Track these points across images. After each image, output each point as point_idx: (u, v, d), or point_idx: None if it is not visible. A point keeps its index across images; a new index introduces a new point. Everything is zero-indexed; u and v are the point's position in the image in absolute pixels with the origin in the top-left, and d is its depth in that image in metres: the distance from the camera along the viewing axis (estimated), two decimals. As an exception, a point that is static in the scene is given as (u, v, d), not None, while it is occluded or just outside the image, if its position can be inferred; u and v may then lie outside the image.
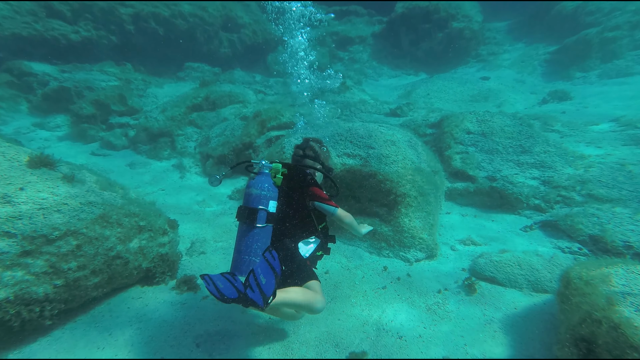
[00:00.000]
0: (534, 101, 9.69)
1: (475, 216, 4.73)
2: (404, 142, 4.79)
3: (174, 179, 6.18)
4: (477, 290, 3.24)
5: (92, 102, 7.56)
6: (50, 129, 7.75)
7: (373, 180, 4.22)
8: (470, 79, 11.04)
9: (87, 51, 11.40)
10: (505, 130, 5.38)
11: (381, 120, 6.88)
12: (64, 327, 2.73)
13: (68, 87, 8.23)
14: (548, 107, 8.64)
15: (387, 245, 4.01)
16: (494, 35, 15.53)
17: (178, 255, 3.73)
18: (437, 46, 14.89)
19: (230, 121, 7.56)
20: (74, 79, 8.82)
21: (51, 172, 2.97)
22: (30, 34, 10.56)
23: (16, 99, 8.60)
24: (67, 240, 2.60)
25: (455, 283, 3.42)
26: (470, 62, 14.51)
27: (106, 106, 7.73)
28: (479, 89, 10.23)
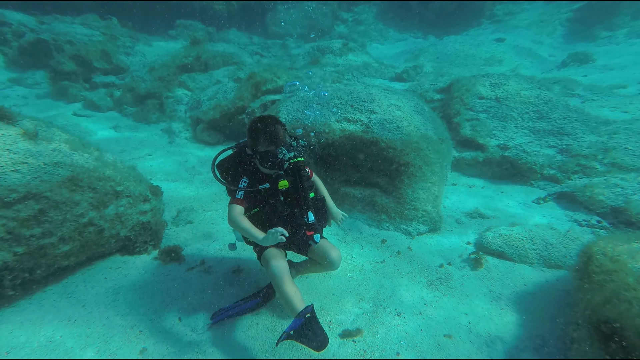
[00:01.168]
0: (552, 64, 9.04)
1: (483, 187, 4.45)
2: (410, 107, 4.39)
3: (162, 143, 5.80)
4: (483, 264, 3.02)
5: (72, 57, 6.96)
6: (29, 86, 7.20)
7: (375, 148, 3.87)
8: (484, 41, 10.21)
9: (66, 2, 10.47)
10: (521, 94, 4.95)
11: (385, 86, 6.38)
12: (32, 298, 2.50)
13: (46, 39, 7.55)
14: (568, 71, 8.03)
15: (387, 217, 3.75)
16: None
17: (162, 224, 3.46)
18: (449, 5, 13.64)
19: (224, 83, 7.04)
20: (53, 31, 8.09)
21: (9, 127, 2.61)
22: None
23: (-11, 52, 7.94)
24: (27, 204, 2.30)
25: (459, 257, 3.20)
26: (483, 24, 13.40)
27: (88, 63, 7.14)
28: (492, 52, 9.45)
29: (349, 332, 2.41)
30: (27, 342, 2.17)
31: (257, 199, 2.34)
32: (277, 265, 2.24)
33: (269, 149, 2.20)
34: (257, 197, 2.34)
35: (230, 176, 2.40)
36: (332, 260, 2.42)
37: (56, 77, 6.88)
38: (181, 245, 3.34)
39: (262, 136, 2.19)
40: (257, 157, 2.27)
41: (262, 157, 2.23)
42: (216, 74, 7.96)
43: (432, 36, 13.35)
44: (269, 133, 2.19)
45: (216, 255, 3.23)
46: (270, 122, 2.24)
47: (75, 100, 6.89)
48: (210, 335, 2.37)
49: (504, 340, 2.35)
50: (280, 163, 2.25)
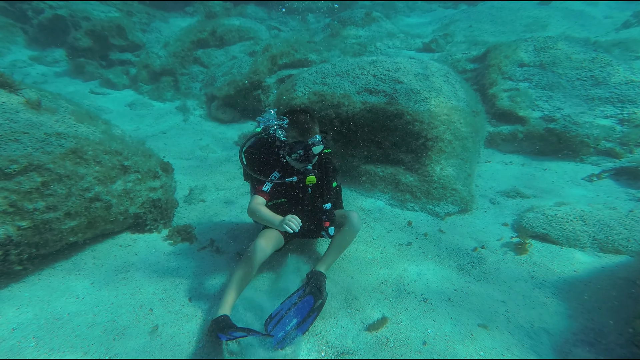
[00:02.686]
0: (609, 27, 7.97)
1: (522, 165, 4.01)
2: (439, 76, 3.97)
3: (176, 121, 5.67)
4: (528, 250, 2.68)
5: (87, 33, 6.87)
6: (48, 64, 7.21)
7: (399, 121, 3.53)
8: (525, 5, 9.07)
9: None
10: (572, 58, 4.36)
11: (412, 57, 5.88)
12: (41, 273, 2.44)
13: (63, 15, 7.49)
14: (631, 32, 7.02)
15: (412, 197, 3.44)
16: None
17: (173, 202, 3.33)
18: None
19: (239, 59, 6.76)
20: (70, 7, 8.01)
21: (11, 95, 2.48)
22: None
23: (11, 29, 7.97)
24: (29, 176, 2.17)
25: (495, 240, 2.88)
26: None
27: (104, 39, 7.04)
28: (535, 16, 8.34)
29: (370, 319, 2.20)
30: (34, 319, 2.09)
31: (283, 190, 2.36)
32: (260, 246, 2.21)
33: (301, 141, 2.18)
34: (283, 188, 2.35)
35: (257, 165, 2.39)
36: (350, 220, 2.41)
37: (73, 54, 6.84)
38: (193, 224, 3.21)
39: (295, 129, 2.20)
40: (287, 149, 2.23)
41: (292, 149, 2.20)
42: (232, 50, 7.68)
43: (463, 4, 12.20)
44: (302, 127, 2.18)
45: (228, 234, 3.07)
46: (304, 115, 2.24)
47: (92, 78, 6.85)
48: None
49: (550, 332, 2.06)
50: (310, 157, 2.22)
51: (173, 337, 2.10)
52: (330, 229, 2.40)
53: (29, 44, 7.83)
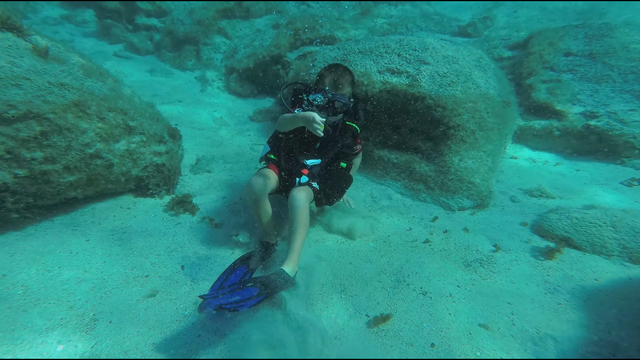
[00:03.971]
0: None
1: (552, 163, 3.66)
2: (471, 60, 3.64)
3: (194, 91, 5.59)
4: (556, 256, 2.43)
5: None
6: (78, 24, 7.28)
7: (420, 105, 3.28)
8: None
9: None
10: (630, 48, 3.87)
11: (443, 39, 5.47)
12: (38, 225, 2.44)
13: (94, -23, 7.49)
14: None
15: (425, 187, 3.22)
16: None
17: (178, 169, 3.27)
18: None
19: (262, 31, 6.56)
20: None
21: (19, 40, 2.42)
22: None
23: (45, -14, 8.08)
24: (28, 124, 2.13)
25: (511, 239, 2.65)
26: None
27: (132, 2, 7.00)
28: (592, 3, 7.39)
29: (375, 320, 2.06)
30: (24, 267, 2.10)
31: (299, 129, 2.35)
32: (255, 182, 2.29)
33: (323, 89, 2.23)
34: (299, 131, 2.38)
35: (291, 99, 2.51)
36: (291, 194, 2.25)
37: (101, 15, 6.86)
38: (196, 193, 3.15)
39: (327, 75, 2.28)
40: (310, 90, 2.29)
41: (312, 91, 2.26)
42: (257, 23, 7.46)
43: None
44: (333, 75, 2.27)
45: (229, 208, 2.99)
46: (340, 70, 2.31)
47: (117, 41, 6.86)
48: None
49: (558, 340, 1.87)
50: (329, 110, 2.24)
51: (160, 302, 2.05)
52: (303, 177, 2.43)
53: (61, 2, 7.93)
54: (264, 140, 4.38)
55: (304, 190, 2.26)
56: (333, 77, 2.26)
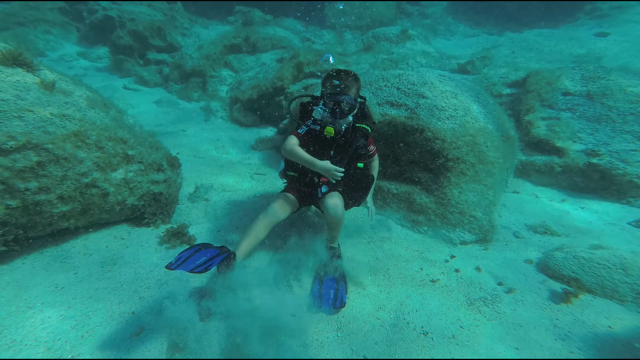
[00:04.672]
0: None
1: (556, 200, 3.58)
2: (469, 96, 3.69)
3: (198, 121, 5.72)
4: (572, 301, 2.29)
5: (130, 33, 7.25)
6: (92, 60, 7.66)
7: (419, 137, 3.28)
8: (579, 35, 8.40)
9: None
10: (627, 91, 3.92)
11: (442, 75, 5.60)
12: (27, 258, 2.38)
13: (112, 16, 8.00)
14: None
15: (425, 219, 3.14)
16: None
17: (176, 198, 3.25)
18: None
19: (267, 65, 6.81)
20: (121, 9, 8.57)
21: (27, 75, 2.51)
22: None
23: (67, 27, 8.62)
24: (25, 155, 2.15)
25: (516, 277, 2.52)
26: (580, 19, 10.80)
27: (144, 39, 7.39)
28: (589, 48, 7.55)
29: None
30: (4, 305, 2.01)
31: (310, 141, 2.46)
32: (273, 209, 2.41)
33: (330, 94, 2.32)
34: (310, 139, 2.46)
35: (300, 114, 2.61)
36: (326, 205, 2.37)
37: (115, 51, 7.21)
38: (192, 223, 3.11)
39: (330, 79, 2.34)
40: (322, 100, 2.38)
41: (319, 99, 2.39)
42: (263, 57, 7.78)
43: (509, 32, 11.21)
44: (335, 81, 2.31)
45: (226, 238, 2.92)
46: (343, 72, 2.36)
47: (128, 74, 7.16)
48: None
49: None
50: (337, 113, 2.33)
51: (144, 341, 1.94)
52: (323, 188, 2.50)
53: (79, 41, 8.42)
54: (264, 169, 4.38)
55: (337, 197, 2.40)
56: (337, 81, 2.32)
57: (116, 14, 8.16)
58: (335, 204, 2.34)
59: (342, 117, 2.34)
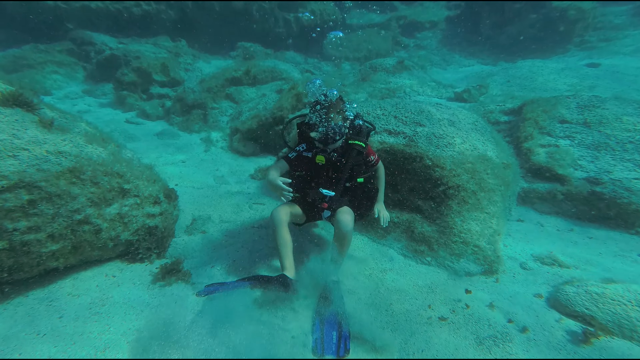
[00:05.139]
0: None
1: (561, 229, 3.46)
2: (467, 124, 3.70)
3: (198, 151, 5.77)
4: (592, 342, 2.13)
5: (134, 70, 7.53)
6: (97, 97, 7.90)
7: (418, 165, 3.25)
8: (570, 66, 8.60)
9: (146, 25, 11.71)
10: (623, 120, 3.93)
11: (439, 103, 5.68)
12: (9, 303, 2.27)
13: (118, 55, 8.36)
14: None
15: (428, 249, 3.03)
16: (610, 19, 11.87)
17: (171, 231, 3.18)
18: (528, 30, 11.77)
19: (267, 95, 6.98)
20: (127, 49, 8.97)
21: (27, 114, 2.54)
22: (98, 6, 11.07)
23: (74, 67, 9.00)
24: (17, 194, 2.12)
25: (526, 313, 2.36)
26: (571, 51, 11.25)
27: (148, 75, 7.65)
28: (581, 77, 7.74)
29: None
30: (-16, 353, 1.90)
31: (304, 164, 2.61)
32: (276, 213, 2.51)
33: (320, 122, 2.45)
34: (304, 163, 2.60)
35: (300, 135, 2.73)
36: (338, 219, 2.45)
37: (119, 87, 7.45)
38: (188, 257, 3.01)
39: (315, 108, 2.48)
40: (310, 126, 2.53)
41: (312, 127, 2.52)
42: (263, 88, 8.00)
43: (503, 62, 11.57)
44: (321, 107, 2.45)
45: (220, 272, 2.82)
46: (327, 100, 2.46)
47: (131, 109, 7.34)
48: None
49: None
50: (326, 139, 2.46)
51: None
52: (325, 212, 2.59)
53: (86, 80, 8.75)
54: (263, 198, 4.34)
55: (349, 213, 2.48)
56: (320, 110, 2.44)
57: (122, 53, 8.53)
58: (347, 220, 2.43)
59: (332, 143, 2.49)
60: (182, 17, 12.45)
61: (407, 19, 15.32)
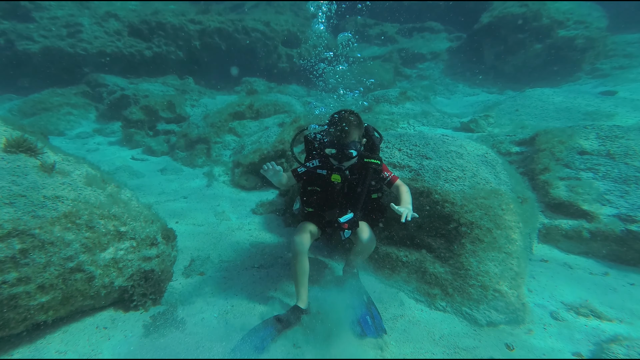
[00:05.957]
0: None
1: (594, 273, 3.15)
2: (476, 156, 3.59)
3: (199, 186, 5.72)
4: None
5: (141, 108, 7.73)
6: (106, 135, 8.07)
7: (426, 200, 3.12)
8: (584, 93, 8.18)
9: (156, 65, 12.26)
10: None
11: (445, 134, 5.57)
12: (-8, 360, 2.11)
13: (128, 95, 8.66)
14: None
15: (442, 293, 2.82)
16: (622, 47, 11.68)
17: (168, 274, 3.02)
18: (534, 60, 11.71)
19: (269, 129, 7.03)
20: (137, 88, 9.33)
21: (29, 159, 2.52)
22: (113, 50, 11.72)
23: (87, 107, 9.36)
24: (9, 243, 2.02)
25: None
26: (582, 79, 10.95)
27: (155, 112, 7.84)
28: (597, 106, 7.25)
29: None
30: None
31: (318, 180, 2.57)
32: (298, 240, 2.49)
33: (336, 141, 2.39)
34: (318, 178, 2.57)
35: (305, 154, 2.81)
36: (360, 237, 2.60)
37: (127, 125, 7.62)
38: (185, 302, 2.83)
39: (334, 125, 2.41)
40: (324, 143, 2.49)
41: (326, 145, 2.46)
42: (266, 122, 8.09)
43: (510, 91, 11.43)
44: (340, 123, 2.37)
45: (218, 319, 2.62)
46: (347, 116, 2.41)
47: (138, 146, 7.44)
48: None
49: None
50: (343, 158, 2.42)
51: None
52: (346, 232, 2.58)
53: (97, 119, 9.06)
54: (264, 234, 4.20)
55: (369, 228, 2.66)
56: (339, 126, 2.37)
57: (132, 93, 8.85)
58: (370, 236, 2.59)
59: (347, 160, 2.45)
60: (190, 57, 13.04)
61: (409, 51, 15.74)
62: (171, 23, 12.45)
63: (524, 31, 11.84)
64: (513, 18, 12.06)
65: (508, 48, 12.30)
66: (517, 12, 11.97)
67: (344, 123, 2.37)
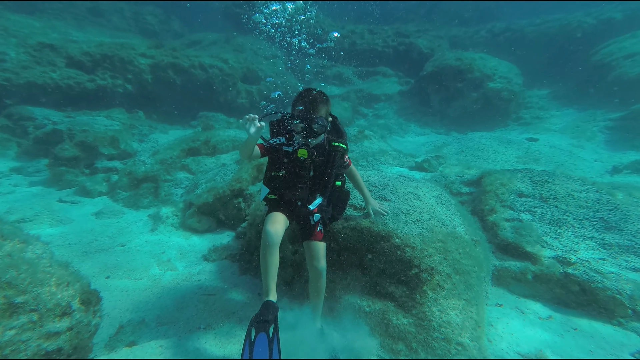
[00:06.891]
0: (600, 169, 7.89)
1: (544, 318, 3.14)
2: (432, 197, 3.60)
3: (143, 231, 5.09)
4: None
5: (77, 144, 6.95)
6: (29, 174, 7.05)
7: (387, 245, 2.98)
8: (514, 140, 9.39)
9: (99, 98, 11.45)
10: (575, 196, 4.00)
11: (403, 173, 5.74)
12: None
13: (61, 129, 7.79)
14: (625, 178, 6.87)
15: (406, 348, 2.59)
16: (536, 100, 13.80)
17: (84, 350, 2.46)
18: (472, 105, 13.27)
19: (226, 166, 6.68)
20: (74, 122, 8.46)
21: None
22: (45, 82, 10.69)
23: (6, 143, 8.24)
24: None
25: None
26: (510, 125, 12.64)
27: (93, 148, 7.10)
28: (525, 150, 8.40)
29: None
30: None
31: (284, 162, 2.49)
32: (272, 231, 2.30)
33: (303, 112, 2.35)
34: (283, 160, 2.48)
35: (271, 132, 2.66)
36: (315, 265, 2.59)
37: (55, 163, 6.74)
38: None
39: (300, 100, 2.39)
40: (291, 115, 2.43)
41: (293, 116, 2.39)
42: (223, 158, 7.73)
43: (455, 132, 12.95)
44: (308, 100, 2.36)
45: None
46: (314, 92, 2.40)
47: (69, 186, 6.58)
48: None
49: None
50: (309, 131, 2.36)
51: None
52: (316, 215, 2.57)
53: (19, 156, 7.97)
54: (216, 284, 3.75)
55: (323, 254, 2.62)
56: (306, 101, 2.36)
57: (67, 127, 7.99)
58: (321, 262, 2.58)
59: (313, 138, 2.40)
60: (141, 91, 12.45)
61: (364, 92, 16.84)
62: (119, 56, 11.90)
63: (462, 80, 13.57)
64: (451, 69, 13.82)
65: (450, 95, 14.04)
66: (453, 65, 13.76)
67: (310, 97, 2.37)
